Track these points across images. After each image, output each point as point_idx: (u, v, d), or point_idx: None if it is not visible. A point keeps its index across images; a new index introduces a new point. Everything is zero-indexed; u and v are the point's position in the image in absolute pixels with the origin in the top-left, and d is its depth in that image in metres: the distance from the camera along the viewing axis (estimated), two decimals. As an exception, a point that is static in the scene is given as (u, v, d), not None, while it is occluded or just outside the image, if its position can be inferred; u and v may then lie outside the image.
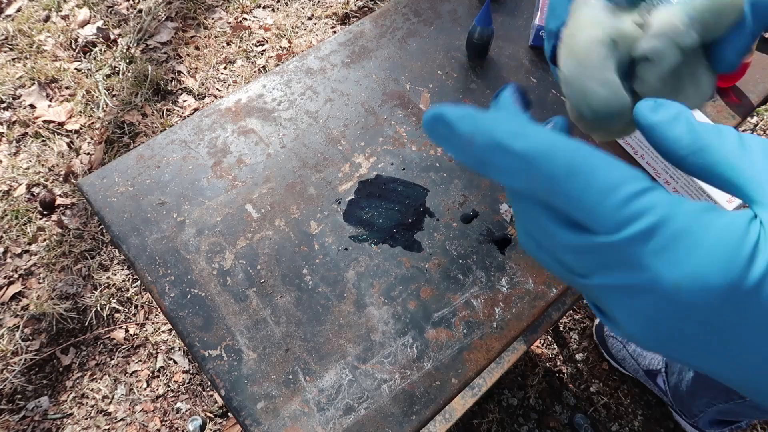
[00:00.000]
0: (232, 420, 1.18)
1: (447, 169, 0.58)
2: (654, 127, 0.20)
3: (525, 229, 0.20)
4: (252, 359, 0.47)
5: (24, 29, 1.69)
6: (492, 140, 0.18)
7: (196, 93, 1.63)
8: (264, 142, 0.59)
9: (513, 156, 0.18)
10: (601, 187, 0.17)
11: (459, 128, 0.18)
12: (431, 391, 0.46)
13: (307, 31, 1.80)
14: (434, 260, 0.53)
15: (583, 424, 1.18)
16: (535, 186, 0.18)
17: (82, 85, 1.60)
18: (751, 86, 0.68)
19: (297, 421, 0.45)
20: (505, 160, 0.18)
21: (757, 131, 1.69)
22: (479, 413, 1.19)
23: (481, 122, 0.18)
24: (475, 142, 0.18)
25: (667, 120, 0.19)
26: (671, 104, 0.20)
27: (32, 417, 1.16)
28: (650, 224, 0.16)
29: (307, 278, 0.51)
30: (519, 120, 0.18)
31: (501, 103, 0.21)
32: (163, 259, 0.52)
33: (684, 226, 0.16)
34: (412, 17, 0.70)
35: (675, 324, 0.16)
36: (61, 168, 1.47)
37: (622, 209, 0.16)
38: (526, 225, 0.20)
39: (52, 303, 1.27)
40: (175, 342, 1.27)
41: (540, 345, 1.28)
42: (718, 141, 0.19)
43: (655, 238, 0.16)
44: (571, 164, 0.17)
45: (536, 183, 0.18)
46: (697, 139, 0.19)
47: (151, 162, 0.57)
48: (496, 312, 0.51)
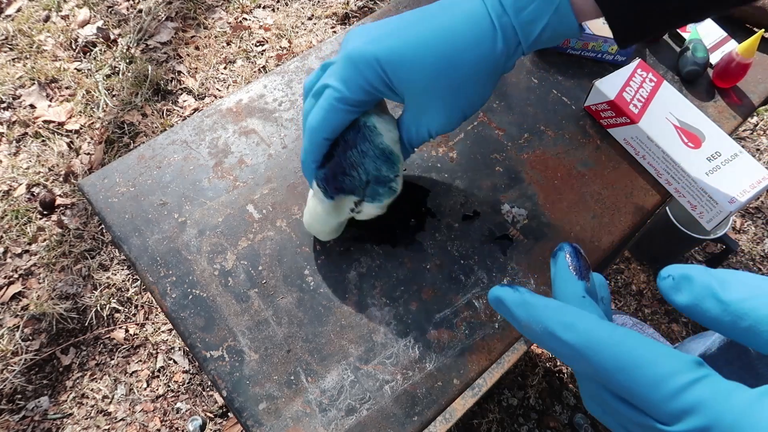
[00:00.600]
0: (232, 420, 1.18)
1: (448, 169, 0.58)
2: (687, 309, 0.20)
3: (589, 396, 0.21)
4: (254, 360, 0.47)
5: (24, 29, 1.69)
6: (545, 330, 0.20)
7: (196, 93, 1.63)
8: (265, 142, 0.59)
9: (565, 345, 0.19)
10: (649, 381, 0.17)
11: (517, 315, 0.21)
12: (433, 391, 0.46)
13: (307, 31, 1.80)
14: (436, 261, 0.53)
15: (583, 424, 1.19)
16: (590, 372, 0.19)
17: (82, 85, 1.60)
18: (751, 86, 0.68)
19: (299, 422, 0.45)
20: (559, 347, 0.20)
21: (757, 131, 1.69)
22: (479, 413, 1.19)
23: (535, 311, 0.20)
24: (532, 328, 0.20)
25: (695, 301, 0.20)
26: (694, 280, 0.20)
27: (32, 417, 1.16)
28: (702, 423, 0.17)
29: (308, 279, 0.51)
30: (569, 311, 0.20)
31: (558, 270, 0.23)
32: (165, 259, 0.52)
33: (734, 422, 0.16)
34: (413, 17, 0.70)
35: None
36: (61, 168, 1.47)
37: (672, 403, 0.17)
38: (591, 394, 0.21)
39: (52, 303, 1.27)
40: (175, 342, 1.27)
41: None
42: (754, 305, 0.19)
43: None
44: (618, 358, 0.18)
45: (591, 371, 0.19)
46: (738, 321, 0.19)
47: (152, 162, 0.57)
48: (497, 313, 0.51)
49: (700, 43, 0.67)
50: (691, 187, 0.56)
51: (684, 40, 0.71)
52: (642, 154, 0.60)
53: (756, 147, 1.65)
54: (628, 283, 1.41)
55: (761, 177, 0.56)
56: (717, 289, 0.19)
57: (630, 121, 0.59)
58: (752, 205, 1.56)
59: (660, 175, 0.59)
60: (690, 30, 0.71)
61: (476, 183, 0.58)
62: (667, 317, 1.36)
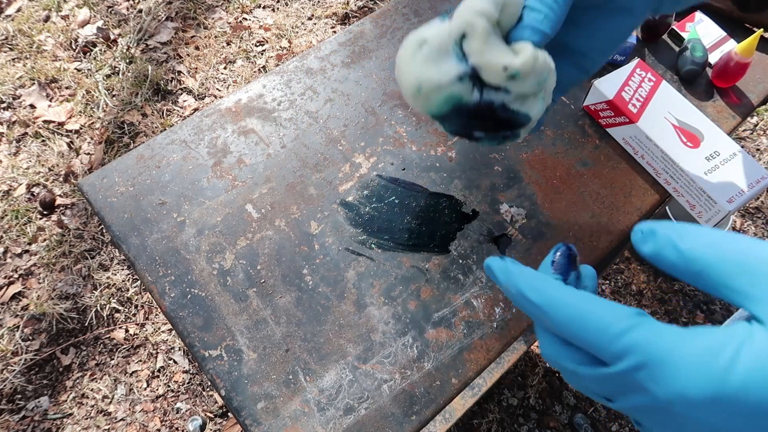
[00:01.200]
0: (232, 420, 1.18)
1: (447, 169, 0.58)
2: (650, 258, 0.23)
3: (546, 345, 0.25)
4: (252, 359, 0.47)
5: (24, 29, 1.69)
6: (518, 291, 0.24)
7: (196, 93, 1.63)
8: (264, 142, 0.59)
9: (532, 304, 0.24)
10: (596, 328, 0.21)
11: (500, 279, 0.26)
12: (431, 391, 0.46)
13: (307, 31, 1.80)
14: (434, 260, 0.53)
15: (583, 424, 1.19)
16: (551, 326, 0.23)
17: (82, 85, 1.60)
18: (751, 86, 0.68)
19: (297, 421, 0.45)
20: (528, 306, 0.24)
21: (757, 131, 1.69)
22: (479, 413, 1.19)
23: (512, 276, 0.25)
24: (509, 290, 0.25)
25: (657, 250, 0.23)
26: (657, 232, 0.23)
27: (32, 417, 1.16)
28: (638, 360, 0.20)
29: (307, 278, 0.51)
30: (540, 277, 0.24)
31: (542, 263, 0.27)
32: (164, 259, 0.52)
33: (664, 357, 0.20)
34: (412, 17, 0.70)
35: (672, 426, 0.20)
36: (61, 168, 1.47)
37: (614, 345, 0.21)
38: (548, 344, 0.25)
39: (52, 303, 1.27)
40: (175, 342, 1.27)
41: (540, 345, 1.28)
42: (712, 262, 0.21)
43: (645, 369, 0.20)
44: (572, 312, 0.22)
45: (551, 324, 0.23)
46: (690, 265, 0.22)
47: (151, 162, 0.57)
48: (496, 312, 0.51)
49: (698, 43, 0.67)
50: (690, 186, 0.56)
51: (683, 39, 0.71)
52: (641, 153, 0.60)
53: (756, 147, 1.65)
54: (628, 283, 1.41)
55: (760, 176, 0.56)
56: (676, 239, 0.22)
57: (629, 121, 0.59)
58: (752, 204, 1.56)
59: (659, 175, 0.59)
60: (689, 30, 0.71)
61: (475, 182, 0.58)
62: (667, 317, 1.36)
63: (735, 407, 0.18)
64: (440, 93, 0.35)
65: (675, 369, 0.19)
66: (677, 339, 0.20)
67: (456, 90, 0.34)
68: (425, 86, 0.35)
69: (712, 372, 0.18)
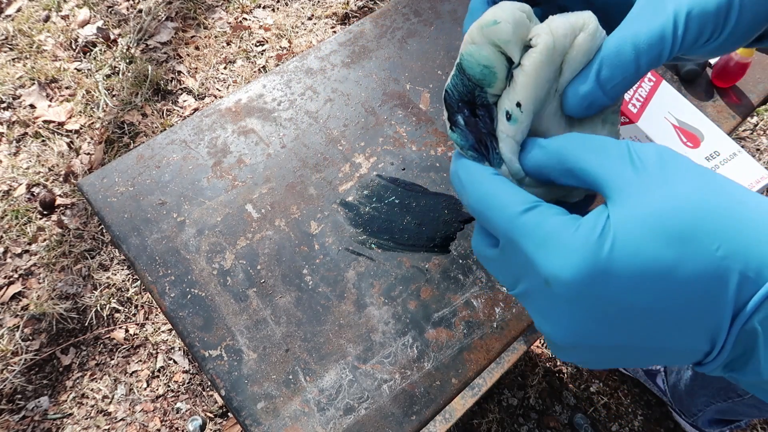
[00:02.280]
0: (232, 420, 1.18)
1: (447, 169, 0.58)
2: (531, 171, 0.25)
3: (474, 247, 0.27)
4: (252, 359, 0.47)
5: (24, 29, 1.69)
6: (454, 170, 0.26)
7: (196, 93, 1.63)
8: (264, 142, 0.59)
9: (460, 183, 0.25)
10: (497, 207, 0.23)
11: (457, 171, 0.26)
12: (431, 391, 0.46)
13: (307, 31, 1.80)
14: (434, 260, 0.53)
15: (583, 424, 1.19)
16: (468, 207, 0.25)
17: (82, 85, 1.60)
18: (751, 86, 0.68)
19: (297, 421, 0.45)
20: (457, 185, 0.26)
21: (757, 131, 1.69)
22: (479, 413, 1.19)
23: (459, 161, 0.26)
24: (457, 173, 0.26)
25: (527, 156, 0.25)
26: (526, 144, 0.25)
27: (32, 417, 1.16)
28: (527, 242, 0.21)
29: (307, 278, 0.51)
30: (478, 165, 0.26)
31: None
32: (164, 259, 0.52)
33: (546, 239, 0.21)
34: (412, 17, 0.70)
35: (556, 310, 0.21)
36: (61, 168, 1.47)
37: (508, 225, 0.22)
38: (474, 243, 0.27)
39: (52, 303, 1.27)
40: (175, 342, 1.27)
41: (540, 345, 1.28)
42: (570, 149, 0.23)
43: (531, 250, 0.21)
44: (480, 191, 0.24)
45: (467, 205, 0.25)
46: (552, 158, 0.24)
47: (151, 162, 0.57)
48: (496, 312, 0.51)
49: (699, 43, 0.67)
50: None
51: (683, 39, 0.71)
52: (641, 153, 0.60)
53: (756, 147, 1.65)
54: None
55: (760, 176, 0.56)
56: (541, 141, 0.24)
57: (629, 121, 0.59)
58: (752, 204, 1.55)
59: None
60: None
61: (475, 182, 0.58)
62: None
63: (603, 279, 0.19)
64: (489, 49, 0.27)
65: (553, 250, 0.21)
66: (559, 224, 0.21)
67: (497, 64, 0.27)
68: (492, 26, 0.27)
69: (580, 251, 0.20)
